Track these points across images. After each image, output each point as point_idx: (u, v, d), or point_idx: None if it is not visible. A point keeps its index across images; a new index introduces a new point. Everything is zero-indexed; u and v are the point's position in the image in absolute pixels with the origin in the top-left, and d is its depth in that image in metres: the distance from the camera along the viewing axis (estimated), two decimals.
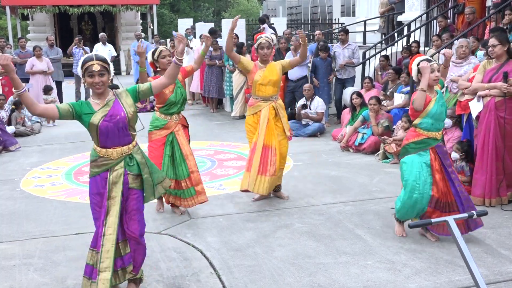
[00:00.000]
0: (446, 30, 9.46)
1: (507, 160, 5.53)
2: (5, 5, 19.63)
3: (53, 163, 7.96)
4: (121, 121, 3.53)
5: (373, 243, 4.70)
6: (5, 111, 10.18)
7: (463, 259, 2.65)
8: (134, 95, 3.63)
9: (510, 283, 3.92)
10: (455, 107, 6.63)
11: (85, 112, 3.51)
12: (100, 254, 3.53)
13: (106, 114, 3.50)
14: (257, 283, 4.00)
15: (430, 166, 4.61)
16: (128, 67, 21.88)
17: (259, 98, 5.74)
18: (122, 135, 3.57)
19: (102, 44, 13.75)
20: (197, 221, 5.38)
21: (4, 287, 4.04)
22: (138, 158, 3.68)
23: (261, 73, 5.66)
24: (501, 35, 5.59)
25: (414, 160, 4.64)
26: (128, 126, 3.58)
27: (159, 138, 5.30)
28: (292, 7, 28.80)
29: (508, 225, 5.07)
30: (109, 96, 3.58)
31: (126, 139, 3.60)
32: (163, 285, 3.99)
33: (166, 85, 3.68)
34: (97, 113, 3.50)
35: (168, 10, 42.93)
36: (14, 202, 6.15)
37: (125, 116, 3.54)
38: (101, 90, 3.51)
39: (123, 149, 3.59)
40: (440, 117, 4.64)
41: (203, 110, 12.97)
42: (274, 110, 5.75)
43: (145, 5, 21.49)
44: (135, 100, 3.64)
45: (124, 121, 3.54)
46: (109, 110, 3.52)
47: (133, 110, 3.60)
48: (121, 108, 3.55)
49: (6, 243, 4.93)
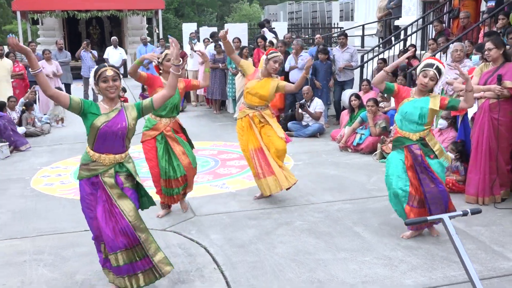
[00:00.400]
0: (441, 34, 9.45)
1: (500, 160, 5.53)
2: (16, 10, 19.69)
3: (62, 163, 7.98)
4: (121, 130, 3.55)
5: (371, 240, 4.71)
6: (16, 112, 10.21)
7: (458, 256, 2.66)
8: (139, 110, 3.66)
9: (503, 279, 3.92)
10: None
11: (91, 111, 3.55)
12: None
13: (109, 120, 3.54)
14: (259, 279, 4.01)
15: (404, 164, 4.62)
16: None
17: (245, 104, 5.76)
18: (118, 143, 3.60)
19: (114, 47, 13.82)
20: (201, 218, 5.39)
21: (15, 282, 4.05)
22: (129, 166, 3.69)
23: (254, 82, 5.62)
24: (497, 39, 5.59)
25: (393, 156, 4.71)
26: (126, 136, 3.61)
27: (149, 139, 5.27)
28: (292, 12, 28.79)
29: (501, 222, 5.07)
30: (117, 105, 3.62)
31: (120, 148, 3.63)
32: (168, 280, 3.99)
33: (167, 97, 3.66)
34: (101, 117, 3.54)
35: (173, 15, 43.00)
36: (25, 200, 6.16)
37: (125, 127, 3.56)
38: (114, 94, 3.56)
39: (116, 157, 3.62)
40: (410, 119, 4.54)
41: (206, 111, 12.98)
42: (258, 118, 5.70)
43: (151, 10, 21.53)
44: (139, 115, 3.67)
45: (124, 131, 3.57)
46: (113, 117, 3.55)
47: (134, 123, 3.62)
48: (124, 118, 3.58)
49: (17, 239, 4.94)
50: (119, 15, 20.98)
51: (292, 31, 20.62)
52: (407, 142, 4.59)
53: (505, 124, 5.47)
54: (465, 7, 9.86)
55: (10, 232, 5.13)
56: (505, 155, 5.57)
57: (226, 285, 3.93)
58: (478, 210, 2.86)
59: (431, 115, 4.52)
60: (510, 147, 5.59)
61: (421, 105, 4.52)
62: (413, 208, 4.56)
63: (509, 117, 5.47)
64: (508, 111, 5.46)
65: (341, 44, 10.47)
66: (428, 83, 4.49)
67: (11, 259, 4.46)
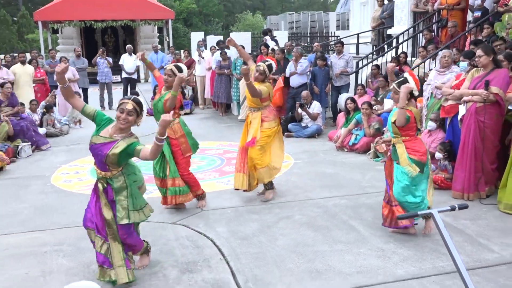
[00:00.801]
0: (431, 42, 9.44)
1: (485, 160, 5.51)
2: (37, 21, 19.71)
3: (80, 161, 7.99)
4: (101, 156, 3.57)
5: (365, 233, 4.70)
6: (38, 114, 10.24)
7: (446, 248, 2.65)
8: (132, 150, 3.55)
9: (488, 269, 3.91)
10: (439, 111, 6.60)
11: (98, 125, 3.65)
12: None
13: (96, 143, 3.58)
14: (261, 268, 4.00)
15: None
16: (146, 75, 21.94)
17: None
18: (101, 164, 3.63)
19: (129, 54, 13.83)
20: (208, 213, 5.39)
21: (37, 270, 4.06)
22: (116, 185, 3.66)
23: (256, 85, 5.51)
24: (487, 46, 5.57)
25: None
26: (106, 163, 3.59)
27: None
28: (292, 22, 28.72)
29: (486, 217, 5.05)
30: (122, 135, 3.58)
31: (104, 168, 3.64)
32: (177, 269, 4.00)
33: (149, 159, 3.50)
34: (95, 136, 3.61)
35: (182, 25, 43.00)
36: (46, 196, 6.18)
37: (104, 155, 3.54)
38: (123, 127, 3.56)
39: (102, 173, 3.66)
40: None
41: (213, 113, 12.97)
42: (250, 119, 5.71)
43: (162, 20, 21.52)
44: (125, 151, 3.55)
45: (102, 158, 3.57)
46: (101, 143, 3.57)
47: (114, 157, 3.53)
48: (108, 148, 3.54)
49: (38, 232, 4.96)
50: (132, 25, 20.98)
51: (292, 39, 20.60)
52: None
53: (490, 126, 5.45)
54: (453, 17, 9.84)
55: (32, 225, 5.14)
56: (490, 155, 5.55)
57: (231, 274, 3.93)
58: (465, 205, 2.84)
59: (393, 126, 4.49)
60: (495, 148, 5.57)
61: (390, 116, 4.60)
62: (386, 204, 4.63)
63: (494, 120, 5.46)
64: (493, 115, 5.44)
65: (338, 51, 10.45)
66: (393, 97, 4.57)
67: (33, 250, 4.48)
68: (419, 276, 3.81)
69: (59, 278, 3.93)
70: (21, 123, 8.81)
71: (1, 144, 8.10)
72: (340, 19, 26.82)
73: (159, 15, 20.86)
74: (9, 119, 8.58)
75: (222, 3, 52.47)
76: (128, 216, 3.67)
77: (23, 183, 6.78)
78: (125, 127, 3.57)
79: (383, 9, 12.77)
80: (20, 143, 8.42)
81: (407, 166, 4.40)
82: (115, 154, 3.53)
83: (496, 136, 5.52)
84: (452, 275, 3.77)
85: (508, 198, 5.14)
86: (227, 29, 46.39)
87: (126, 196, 3.68)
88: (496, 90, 5.33)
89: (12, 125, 8.51)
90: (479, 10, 8.85)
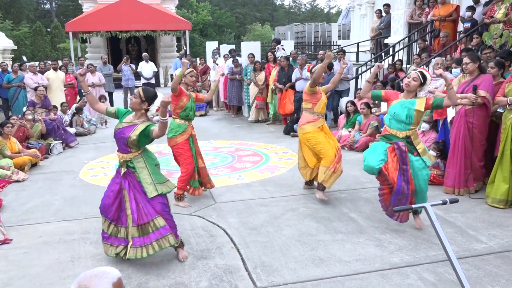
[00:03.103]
0: (424, 50, 9.37)
1: (473, 158, 5.46)
2: (68, 31, 19.83)
3: (106, 158, 8.03)
4: (123, 139, 3.72)
5: (363, 224, 4.67)
6: (68, 115, 10.31)
7: (438, 238, 2.62)
8: (147, 130, 3.68)
9: (477, 258, 3.87)
10: (432, 113, 6.55)
11: (120, 117, 3.87)
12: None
13: (121, 128, 3.75)
14: (269, 256, 3.99)
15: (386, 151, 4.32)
16: (166, 80, 22.02)
17: None
18: (124, 147, 3.77)
19: (145, 61, 13.87)
20: (220, 205, 5.38)
21: (67, 256, 4.08)
22: (137, 165, 3.77)
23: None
24: (472, 54, 5.52)
25: (377, 143, 4.49)
26: (128, 144, 3.72)
27: (183, 141, 5.22)
28: (298, 32, 28.62)
29: (475, 210, 5.00)
30: (139, 120, 3.76)
31: (126, 150, 3.77)
32: (193, 256, 4.00)
33: (159, 135, 3.63)
34: (119, 123, 3.80)
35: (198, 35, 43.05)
36: (75, 189, 6.21)
37: (126, 137, 3.70)
38: (130, 107, 3.81)
39: (124, 156, 3.79)
40: (398, 118, 4.30)
41: (225, 115, 12.97)
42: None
43: (180, 31, 21.53)
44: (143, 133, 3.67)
45: (125, 140, 3.71)
46: (124, 127, 3.75)
47: (134, 138, 3.66)
48: (130, 131, 3.71)
49: (68, 221, 4.98)
50: (153, 35, 21.02)
51: (298, 48, 20.54)
52: (394, 139, 4.34)
53: (478, 127, 5.40)
54: (445, 27, 9.76)
55: (63, 215, 5.17)
56: (478, 154, 5.50)
57: (241, 261, 3.92)
58: (456, 200, 2.81)
59: (417, 116, 4.25)
60: (483, 147, 5.51)
61: (408, 106, 4.27)
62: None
63: (482, 121, 5.40)
64: (481, 116, 5.39)
65: (339, 59, 10.39)
66: (411, 82, 4.25)
67: (63, 238, 4.50)
68: (413, 264, 3.78)
69: (86, 263, 3.95)
70: (53, 123, 8.88)
71: (35, 142, 8.17)
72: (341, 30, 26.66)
73: (177, 26, 20.88)
74: (43, 119, 8.66)
75: (234, 15, 52.50)
76: (156, 188, 3.76)
77: (55, 177, 6.82)
78: (132, 108, 3.77)
79: (381, 21, 12.70)
80: (52, 141, 8.48)
81: (426, 155, 4.28)
82: (136, 135, 3.68)
83: (483, 136, 5.46)
84: (443, 263, 3.73)
85: (495, 193, 5.08)
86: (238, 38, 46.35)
87: (149, 173, 3.79)
88: (483, 93, 5.28)
89: (45, 125, 8.59)
90: (469, 21, 8.76)
